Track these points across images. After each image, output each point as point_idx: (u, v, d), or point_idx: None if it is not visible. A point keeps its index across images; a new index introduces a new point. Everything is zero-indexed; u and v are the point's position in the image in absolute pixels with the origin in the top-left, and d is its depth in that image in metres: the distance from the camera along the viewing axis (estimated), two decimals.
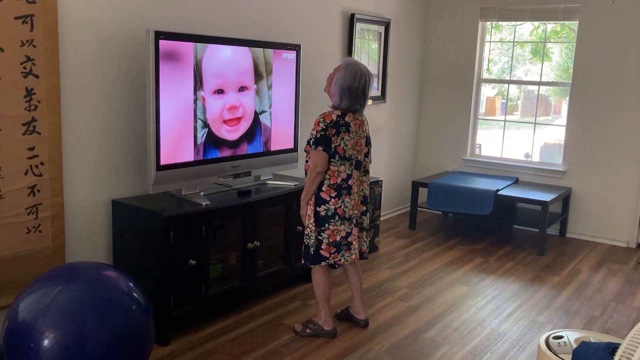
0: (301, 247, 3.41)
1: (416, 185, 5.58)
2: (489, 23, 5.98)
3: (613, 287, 4.32)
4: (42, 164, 2.92)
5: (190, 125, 3.29)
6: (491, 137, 6.39)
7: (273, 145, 3.89)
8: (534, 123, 5.92)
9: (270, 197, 3.67)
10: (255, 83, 3.66)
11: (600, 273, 4.62)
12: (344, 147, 3.14)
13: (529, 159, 5.98)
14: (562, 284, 4.34)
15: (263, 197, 3.62)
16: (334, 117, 3.13)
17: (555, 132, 6.10)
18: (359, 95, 3.14)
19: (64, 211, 3.06)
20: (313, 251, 3.20)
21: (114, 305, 2.42)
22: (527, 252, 5.09)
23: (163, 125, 3.14)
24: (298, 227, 3.85)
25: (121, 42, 3.24)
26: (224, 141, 3.52)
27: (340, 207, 3.17)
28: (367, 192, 3.33)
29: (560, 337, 2.57)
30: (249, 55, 3.59)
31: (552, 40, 6.04)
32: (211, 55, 3.35)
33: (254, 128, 3.72)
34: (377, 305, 3.82)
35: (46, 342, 2.27)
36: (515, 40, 6.07)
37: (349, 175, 3.18)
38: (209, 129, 3.41)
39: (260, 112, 3.74)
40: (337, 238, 3.19)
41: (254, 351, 3.14)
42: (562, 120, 5.82)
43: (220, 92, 3.45)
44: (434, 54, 6.20)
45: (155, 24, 3.38)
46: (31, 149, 2.87)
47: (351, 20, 5.02)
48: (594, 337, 2.57)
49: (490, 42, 6.07)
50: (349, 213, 3.20)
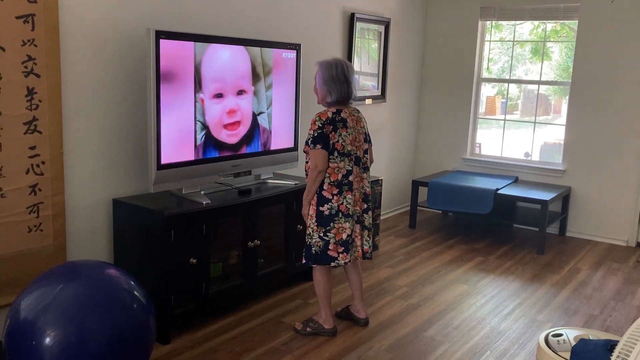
0: (302, 245, 3.42)
1: (416, 184, 5.59)
2: (488, 22, 5.99)
3: (612, 286, 4.33)
4: (43, 163, 2.93)
5: (190, 124, 3.30)
6: (491, 136, 6.39)
7: (273, 145, 3.90)
8: (534, 122, 5.93)
9: (271, 196, 3.68)
10: (253, 84, 3.67)
11: (599, 272, 4.63)
12: (343, 143, 3.15)
13: (529, 158, 5.99)
14: (561, 283, 4.35)
15: (263, 196, 3.63)
16: (330, 115, 3.14)
17: (555, 132, 6.11)
18: (342, 81, 3.16)
19: (65, 210, 3.07)
20: (317, 251, 3.20)
21: (115, 303, 2.43)
22: (527, 251, 5.10)
23: (164, 124, 3.15)
24: (298, 226, 3.86)
25: (122, 41, 3.25)
26: (223, 143, 3.53)
27: (342, 203, 3.17)
28: (368, 189, 3.33)
29: (560, 335, 2.58)
30: (247, 56, 3.60)
31: (552, 40, 6.04)
32: (210, 58, 3.36)
33: (253, 130, 3.73)
34: (377, 303, 3.83)
35: (48, 341, 2.28)
36: (515, 39, 6.08)
37: (349, 172, 3.19)
38: (209, 130, 3.42)
39: (258, 113, 3.75)
40: (344, 236, 3.19)
41: (254, 349, 3.15)
42: (562, 120, 5.83)
43: (219, 96, 3.46)
44: (433, 53, 6.21)
45: (156, 23, 3.39)
46: (32, 148, 2.88)
47: (351, 20, 5.03)
48: (593, 335, 2.58)
49: (490, 41, 6.08)
50: (352, 210, 3.21)
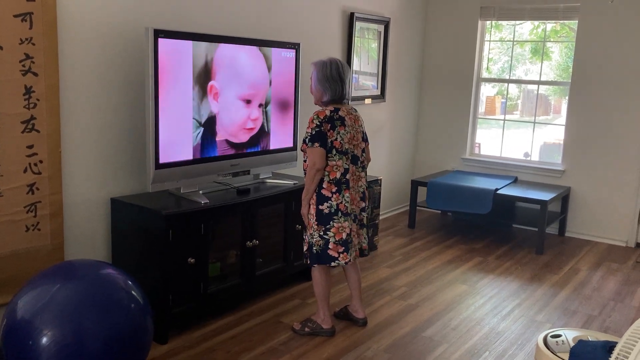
0: (300, 245, 3.41)
1: (415, 184, 5.59)
2: (488, 22, 5.98)
3: (612, 287, 4.32)
4: (41, 162, 2.92)
5: (189, 124, 3.30)
6: (491, 136, 6.39)
7: (272, 144, 3.89)
8: (534, 122, 5.92)
9: (269, 196, 3.67)
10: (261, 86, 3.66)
11: (599, 272, 4.62)
12: (341, 141, 3.14)
13: (529, 158, 5.99)
14: (560, 283, 4.34)
15: (262, 195, 3.62)
16: (328, 113, 3.14)
17: (554, 132, 6.11)
18: (336, 80, 3.17)
19: (63, 209, 3.06)
20: (318, 250, 3.19)
21: (112, 303, 2.43)
22: (526, 251, 5.10)
23: (162, 123, 3.14)
24: (297, 226, 3.85)
25: (120, 40, 3.24)
26: (223, 143, 3.53)
27: (341, 202, 3.17)
28: (365, 188, 3.33)
29: (558, 335, 2.58)
30: (250, 59, 3.59)
31: (551, 40, 6.04)
32: (214, 58, 3.35)
33: (259, 133, 3.72)
34: (376, 303, 3.82)
35: (45, 340, 2.27)
36: (515, 39, 6.07)
37: (347, 170, 3.18)
38: (209, 131, 3.41)
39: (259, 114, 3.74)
40: (343, 236, 3.19)
41: (252, 349, 3.15)
42: (562, 120, 5.82)
43: (244, 101, 3.45)
44: (433, 53, 6.20)
45: (155, 22, 3.38)
46: (30, 147, 2.87)
47: (351, 19, 5.02)
48: (592, 336, 2.57)
49: (490, 41, 6.07)
50: (350, 208, 3.20)
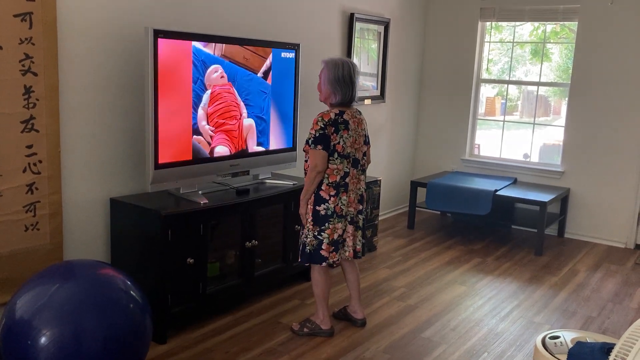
0: (298, 246, 3.41)
1: (415, 185, 5.59)
2: (488, 23, 5.98)
3: (611, 288, 4.32)
4: (40, 161, 2.92)
5: (188, 124, 3.30)
6: (490, 137, 6.39)
7: (272, 145, 3.89)
8: (533, 123, 5.92)
9: (269, 196, 3.67)
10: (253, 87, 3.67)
11: (598, 274, 4.63)
12: (343, 145, 3.15)
13: (528, 160, 5.99)
14: (559, 285, 4.34)
15: (261, 196, 3.62)
16: (333, 116, 3.14)
17: (554, 133, 6.11)
18: (347, 83, 3.17)
19: (62, 209, 3.06)
20: (311, 250, 3.20)
21: (111, 303, 2.43)
22: (525, 252, 5.10)
23: (161, 123, 3.14)
24: (296, 226, 3.85)
25: (120, 40, 3.24)
26: (222, 143, 3.53)
27: (338, 204, 3.18)
28: (363, 191, 3.33)
29: (557, 337, 2.58)
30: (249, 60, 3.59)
31: (551, 41, 6.04)
32: (214, 58, 3.35)
33: (258, 134, 3.72)
34: (375, 304, 3.82)
35: (43, 340, 2.27)
36: (514, 40, 6.07)
37: (347, 173, 3.19)
38: (208, 131, 3.42)
39: (258, 114, 3.74)
40: (335, 236, 3.20)
41: (251, 350, 3.15)
42: (561, 121, 5.82)
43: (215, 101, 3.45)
44: (433, 53, 6.20)
45: (155, 22, 3.38)
46: (29, 146, 2.87)
47: (351, 20, 5.02)
48: (591, 337, 2.58)
49: (489, 42, 6.07)
50: (345, 210, 3.21)
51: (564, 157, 5.59)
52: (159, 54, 3.06)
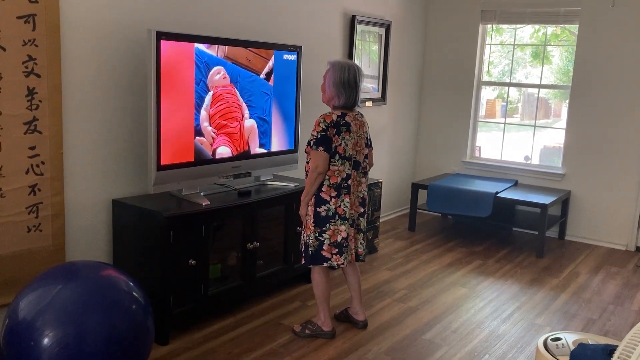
0: (300, 247, 3.41)
1: (416, 187, 5.59)
2: (489, 26, 5.99)
3: (612, 290, 4.33)
4: (43, 163, 2.93)
5: (190, 125, 3.30)
6: (491, 139, 6.40)
7: (273, 146, 3.90)
8: (534, 126, 5.93)
9: (270, 198, 3.68)
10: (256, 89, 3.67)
11: (599, 276, 4.63)
12: (345, 147, 3.16)
13: (529, 162, 5.99)
14: (560, 287, 4.35)
15: (263, 197, 3.63)
16: (335, 117, 3.15)
17: (554, 135, 6.12)
18: (352, 87, 3.19)
19: (65, 210, 3.07)
20: (313, 251, 3.21)
21: (113, 304, 2.43)
22: (526, 254, 5.10)
23: (164, 125, 3.14)
24: (298, 228, 3.86)
25: (123, 42, 3.25)
26: (224, 144, 3.54)
27: (340, 206, 3.18)
28: (365, 193, 3.34)
29: (559, 339, 2.58)
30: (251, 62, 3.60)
31: (552, 44, 6.05)
32: (216, 60, 3.36)
33: (260, 135, 3.73)
34: (376, 306, 3.82)
35: (46, 341, 2.28)
36: (515, 43, 6.08)
37: (348, 175, 3.19)
38: (210, 133, 3.42)
39: (253, 114, 3.75)
40: (338, 239, 3.20)
41: (253, 351, 3.15)
42: (562, 123, 5.83)
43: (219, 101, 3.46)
44: (434, 56, 6.21)
45: (157, 24, 3.39)
46: (32, 148, 2.88)
47: (352, 22, 5.03)
48: (592, 339, 2.58)
49: (490, 44, 6.08)
50: (349, 213, 3.21)
51: (565, 159, 5.60)
52: (162, 55, 3.07)
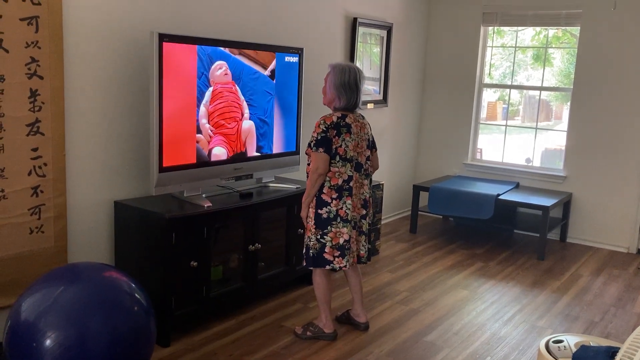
0: (302, 249, 3.42)
1: (417, 189, 5.59)
2: (490, 28, 6.00)
3: (613, 293, 4.32)
4: (45, 164, 2.93)
5: (193, 127, 3.31)
6: (492, 141, 6.40)
7: (275, 148, 3.90)
8: (535, 128, 5.93)
9: (272, 200, 3.68)
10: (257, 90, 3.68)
11: (600, 278, 4.63)
12: (345, 149, 3.16)
13: (530, 164, 5.99)
14: (562, 289, 4.34)
15: (264, 199, 3.63)
16: (335, 119, 3.15)
17: (556, 138, 6.12)
18: (352, 89, 3.19)
19: (67, 212, 3.07)
20: (314, 253, 3.21)
21: (115, 305, 2.43)
22: (528, 256, 5.10)
23: (166, 126, 3.15)
24: (299, 230, 3.86)
25: (125, 44, 3.25)
26: (226, 146, 3.54)
27: (342, 208, 3.18)
28: (367, 195, 3.34)
29: (560, 341, 2.58)
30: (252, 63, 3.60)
31: (553, 46, 6.05)
32: (218, 62, 3.37)
33: (262, 137, 3.73)
34: (378, 308, 3.82)
35: (48, 342, 2.28)
36: (516, 45, 6.09)
37: (350, 177, 3.19)
38: (212, 135, 3.43)
39: (253, 114, 3.76)
40: (340, 241, 3.20)
41: (254, 353, 3.15)
42: (563, 126, 5.84)
43: (220, 101, 3.47)
44: (435, 58, 6.22)
45: (159, 26, 3.39)
46: (35, 149, 2.88)
47: (354, 25, 5.04)
48: (594, 341, 2.57)
49: (492, 47, 6.08)
50: (351, 215, 3.21)
51: (566, 161, 5.60)
52: (164, 57, 3.07)
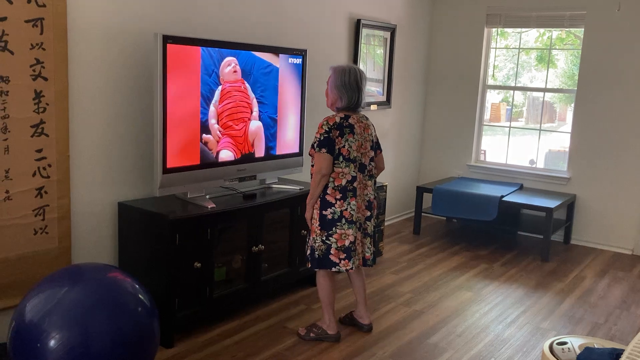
0: (306, 251, 3.42)
1: (421, 190, 5.59)
2: (494, 29, 5.99)
3: (618, 294, 4.31)
4: (49, 165, 2.94)
5: (197, 129, 3.31)
6: (496, 143, 6.39)
7: (278, 150, 3.90)
8: (539, 129, 5.92)
9: (275, 201, 3.68)
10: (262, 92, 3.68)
11: (604, 280, 4.61)
12: (349, 149, 3.16)
13: (534, 166, 5.98)
14: (566, 291, 4.33)
15: (268, 200, 3.63)
16: (338, 120, 3.16)
17: (560, 139, 6.11)
18: (353, 88, 3.20)
19: (71, 213, 3.08)
20: (320, 255, 3.20)
21: (119, 306, 2.44)
22: (532, 258, 5.09)
23: (170, 128, 3.16)
24: (302, 231, 3.86)
25: (129, 45, 3.26)
26: (230, 147, 3.54)
27: (346, 209, 3.18)
28: (372, 197, 3.33)
29: (564, 343, 2.57)
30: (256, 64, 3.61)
31: (557, 47, 6.04)
32: (222, 63, 3.37)
33: (265, 139, 3.74)
34: (381, 310, 3.82)
35: (52, 343, 2.28)
36: (520, 46, 6.08)
37: (354, 178, 3.19)
38: (216, 136, 3.43)
39: (264, 112, 3.76)
40: (346, 243, 3.19)
41: (257, 354, 3.15)
42: (567, 127, 5.82)
43: (226, 101, 3.47)
44: (439, 59, 6.22)
45: (164, 28, 3.40)
46: (39, 150, 2.89)
47: (357, 26, 5.04)
48: (598, 343, 2.57)
49: (495, 48, 6.08)
50: (355, 216, 3.21)
51: (570, 163, 5.58)
52: (168, 59, 3.08)
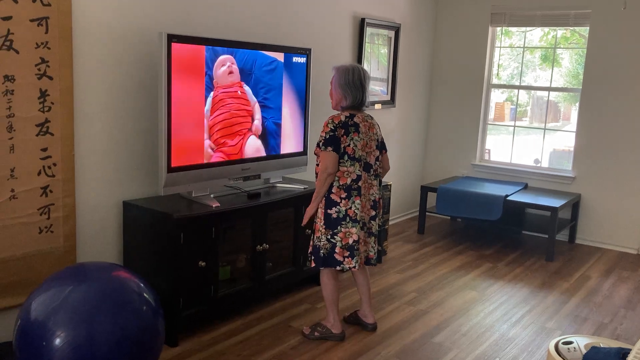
0: (309, 250, 3.41)
1: (425, 189, 5.58)
2: (499, 28, 5.98)
3: (623, 294, 4.30)
4: (54, 164, 2.95)
5: (201, 128, 3.31)
6: (500, 142, 6.38)
7: (283, 149, 3.90)
8: (544, 129, 5.91)
9: (280, 200, 3.68)
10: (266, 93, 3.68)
11: (610, 280, 4.60)
12: (354, 148, 3.16)
13: (539, 165, 5.97)
14: (571, 290, 4.32)
15: (272, 199, 3.63)
16: (343, 118, 3.15)
17: (564, 138, 6.09)
18: (357, 87, 3.20)
19: (76, 212, 3.08)
20: (325, 254, 3.20)
21: (124, 305, 2.44)
22: (536, 258, 5.07)
23: (174, 127, 3.16)
24: (307, 230, 3.86)
25: (134, 44, 3.27)
26: (234, 146, 3.54)
27: (351, 208, 3.17)
28: (377, 196, 3.33)
29: (570, 342, 2.56)
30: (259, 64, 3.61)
31: (562, 46, 6.03)
32: (227, 63, 3.37)
33: (264, 136, 3.74)
34: (386, 309, 3.81)
35: (57, 341, 2.29)
36: (525, 46, 6.07)
37: (359, 177, 3.19)
38: (221, 135, 3.43)
39: (268, 118, 3.76)
40: (350, 241, 3.19)
41: (262, 353, 3.15)
42: (572, 127, 5.81)
43: (228, 102, 3.47)
44: (443, 59, 6.20)
45: (168, 27, 3.41)
46: (44, 149, 2.90)
47: (361, 25, 5.04)
48: (604, 343, 2.56)
49: (500, 47, 6.06)
50: (359, 215, 3.21)
51: (575, 162, 5.57)
52: (173, 58, 3.08)
